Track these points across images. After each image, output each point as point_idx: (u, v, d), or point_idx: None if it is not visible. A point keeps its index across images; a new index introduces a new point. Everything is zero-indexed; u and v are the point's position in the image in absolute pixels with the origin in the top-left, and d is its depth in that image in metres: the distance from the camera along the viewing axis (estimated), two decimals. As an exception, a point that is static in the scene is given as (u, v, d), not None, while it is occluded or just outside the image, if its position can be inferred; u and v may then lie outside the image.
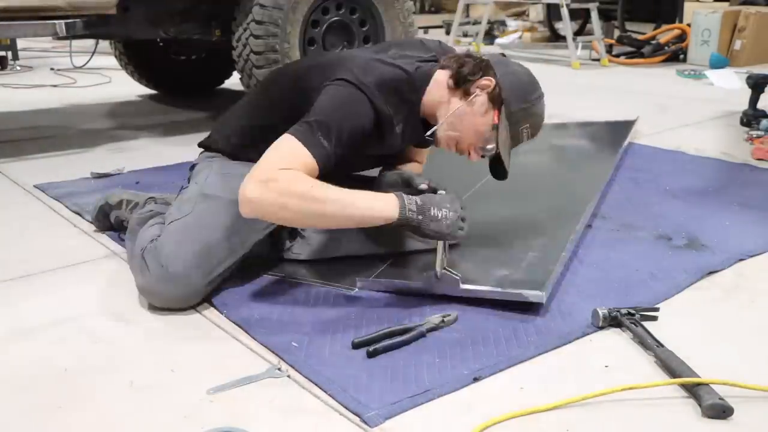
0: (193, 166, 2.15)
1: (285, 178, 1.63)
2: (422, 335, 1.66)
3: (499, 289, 1.81)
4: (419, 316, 1.76)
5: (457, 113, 1.88)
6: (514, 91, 1.88)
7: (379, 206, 1.71)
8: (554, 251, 2.04)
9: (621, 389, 1.45)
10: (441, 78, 1.93)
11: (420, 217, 1.73)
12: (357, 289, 1.91)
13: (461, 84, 1.89)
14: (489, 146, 1.92)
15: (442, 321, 1.71)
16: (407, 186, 2.01)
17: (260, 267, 2.02)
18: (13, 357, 1.62)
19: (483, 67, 1.91)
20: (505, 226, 2.38)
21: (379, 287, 1.91)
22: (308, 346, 1.62)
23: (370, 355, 1.58)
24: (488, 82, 1.88)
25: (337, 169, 1.76)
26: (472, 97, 1.88)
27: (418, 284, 1.88)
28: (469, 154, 1.95)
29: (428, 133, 1.93)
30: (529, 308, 1.79)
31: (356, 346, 1.61)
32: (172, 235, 1.85)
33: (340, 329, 1.70)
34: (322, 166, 1.70)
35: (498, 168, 2.01)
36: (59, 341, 1.68)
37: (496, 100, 1.87)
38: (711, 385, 1.44)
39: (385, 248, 2.08)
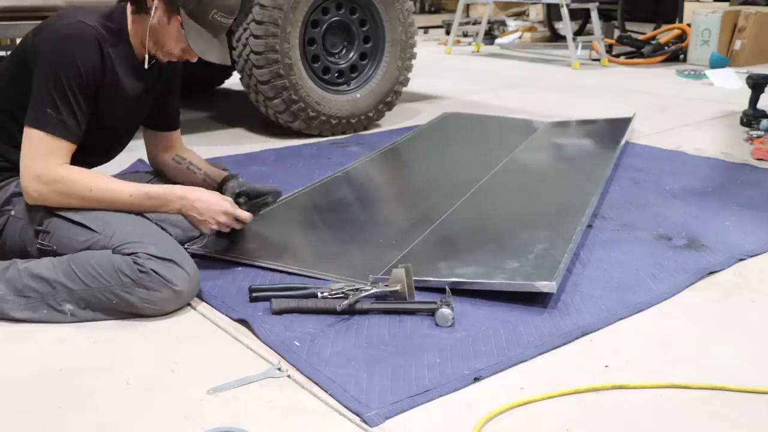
0: None
1: (64, 181, 1.82)
2: (313, 295, 1.79)
3: (511, 281, 1.83)
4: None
5: (151, 32, 1.94)
6: None
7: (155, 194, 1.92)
8: (561, 243, 2.06)
9: (621, 387, 1.46)
10: (128, 11, 1.98)
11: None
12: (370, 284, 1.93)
13: (139, 5, 1.94)
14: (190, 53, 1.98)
15: (342, 291, 1.80)
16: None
17: (262, 264, 2.03)
18: (13, 357, 1.62)
19: None
20: (510, 220, 2.41)
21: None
22: (310, 346, 1.62)
23: (252, 299, 1.82)
24: None
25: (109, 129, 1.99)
26: (152, 12, 1.92)
27: (428, 279, 1.89)
28: (188, 60, 2.01)
29: (147, 64, 2.00)
30: (531, 304, 1.80)
31: (252, 292, 1.83)
32: (139, 239, 1.79)
33: (343, 329, 1.70)
34: (70, 136, 1.84)
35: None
36: (59, 341, 1.68)
37: (171, 5, 1.91)
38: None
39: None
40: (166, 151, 2.27)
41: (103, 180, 1.89)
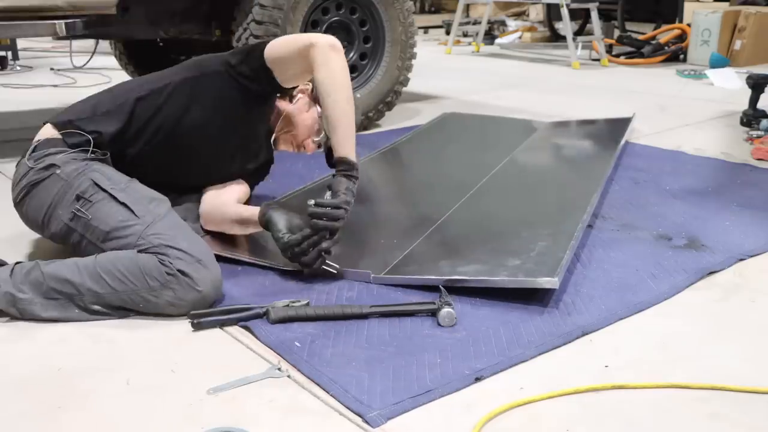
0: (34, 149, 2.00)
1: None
2: (258, 316, 1.74)
3: (513, 278, 1.84)
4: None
5: (287, 115, 2.26)
6: None
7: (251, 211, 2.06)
8: (563, 241, 2.06)
9: (621, 387, 1.46)
10: None
11: (270, 230, 1.98)
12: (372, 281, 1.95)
13: (285, 91, 2.22)
14: (320, 134, 2.27)
15: (287, 305, 1.76)
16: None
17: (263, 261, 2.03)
18: (12, 357, 1.62)
19: None
20: (511, 219, 2.41)
21: (392, 282, 1.93)
22: (310, 346, 1.62)
23: (195, 327, 1.71)
24: (306, 86, 2.28)
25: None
26: (295, 99, 2.28)
27: (431, 278, 1.89)
28: (306, 147, 2.31)
29: (272, 138, 2.30)
30: (531, 304, 1.80)
31: (193, 318, 1.72)
32: (174, 234, 1.81)
33: (343, 330, 1.70)
34: None
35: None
36: (59, 341, 1.68)
37: (315, 97, 2.25)
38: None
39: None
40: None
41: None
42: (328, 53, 1.98)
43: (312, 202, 1.93)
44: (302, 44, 2.00)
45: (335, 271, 1.95)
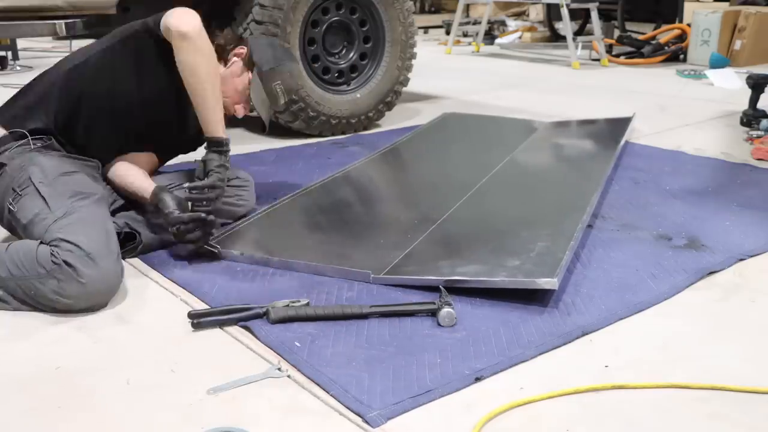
0: None
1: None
2: (258, 316, 1.74)
3: (512, 278, 1.84)
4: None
5: (220, 80, 2.20)
6: (264, 56, 2.32)
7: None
8: (562, 241, 2.06)
9: (621, 387, 1.46)
10: None
11: (160, 207, 2.06)
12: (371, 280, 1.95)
13: (222, 55, 2.26)
14: (251, 101, 2.30)
15: (287, 305, 1.77)
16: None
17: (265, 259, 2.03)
18: (13, 357, 1.62)
19: (237, 39, 2.36)
20: (511, 219, 2.41)
21: (392, 282, 1.93)
22: (310, 346, 1.62)
23: (194, 327, 1.71)
24: (241, 50, 2.31)
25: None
26: (230, 63, 2.29)
27: (431, 279, 1.89)
28: (236, 112, 2.32)
29: None
30: (531, 304, 1.80)
31: (192, 317, 1.73)
32: (75, 228, 1.82)
33: (343, 330, 1.70)
34: None
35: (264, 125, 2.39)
36: (59, 341, 1.68)
37: (249, 63, 2.30)
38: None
39: None
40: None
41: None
42: (179, 43, 2.04)
43: (187, 185, 2.13)
44: (164, 27, 2.06)
45: (216, 251, 2.08)
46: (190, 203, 2.09)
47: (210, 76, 2.08)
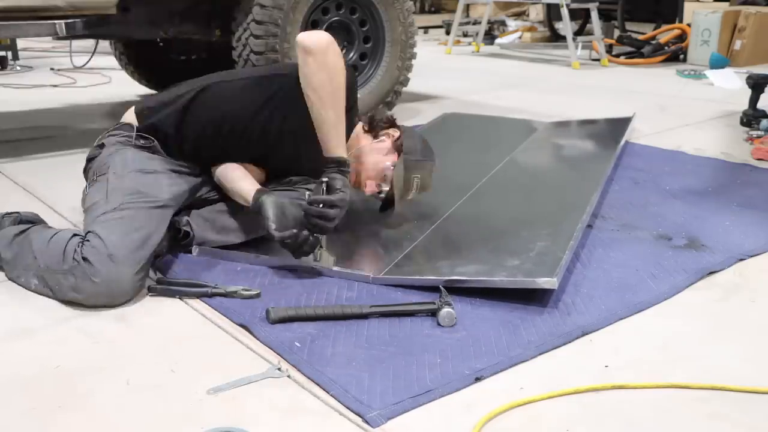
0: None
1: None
2: (207, 295, 1.84)
3: (512, 278, 1.84)
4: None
5: (364, 148, 2.24)
6: (413, 148, 2.26)
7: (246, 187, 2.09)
8: (562, 241, 2.06)
9: (621, 387, 1.46)
10: (357, 125, 2.29)
11: (260, 213, 1.99)
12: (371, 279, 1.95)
13: (372, 126, 2.29)
14: (384, 185, 2.26)
15: (235, 292, 1.84)
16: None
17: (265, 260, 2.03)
18: (13, 357, 1.62)
19: (392, 121, 2.34)
20: (511, 219, 2.42)
21: (391, 282, 1.93)
22: (310, 346, 1.62)
23: (150, 290, 1.85)
24: (395, 132, 2.29)
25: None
26: (378, 140, 2.27)
27: (431, 279, 1.89)
28: (366, 187, 2.25)
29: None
30: (531, 304, 1.80)
31: (158, 283, 1.87)
32: (111, 225, 1.85)
33: (343, 330, 1.70)
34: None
35: (387, 206, 2.36)
36: (59, 341, 1.68)
37: (398, 148, 2.25)
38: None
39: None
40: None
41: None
42: (303, 57, 1.99)
43: (308, 196, 1.97)
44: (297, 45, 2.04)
45: (328, 267, 1.99)
46: (303, 213, 1.97)
47: (331, 95, 1.99)
